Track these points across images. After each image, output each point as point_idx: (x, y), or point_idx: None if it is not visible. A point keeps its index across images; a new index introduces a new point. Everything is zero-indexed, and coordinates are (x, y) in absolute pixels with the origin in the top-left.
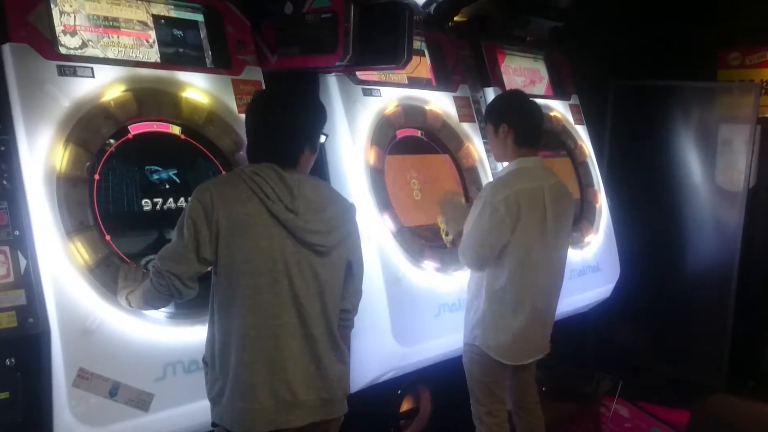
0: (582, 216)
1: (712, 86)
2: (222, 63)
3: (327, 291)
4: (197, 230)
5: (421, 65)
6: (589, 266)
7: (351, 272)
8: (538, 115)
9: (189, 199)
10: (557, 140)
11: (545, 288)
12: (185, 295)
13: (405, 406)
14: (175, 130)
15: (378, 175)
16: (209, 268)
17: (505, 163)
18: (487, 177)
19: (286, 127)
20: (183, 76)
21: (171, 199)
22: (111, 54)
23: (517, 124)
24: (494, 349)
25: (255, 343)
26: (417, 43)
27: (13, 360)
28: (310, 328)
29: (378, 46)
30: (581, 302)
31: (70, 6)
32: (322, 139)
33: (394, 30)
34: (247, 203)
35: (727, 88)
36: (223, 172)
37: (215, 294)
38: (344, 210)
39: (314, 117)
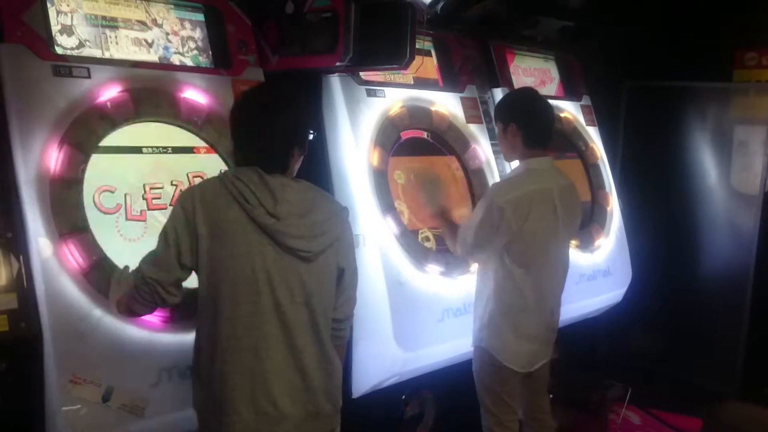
0: (593, 219)
1: (727, 87)
2: (222, 63)
3: (315, 299)
4: (178, 236)
5: (428, 65)
6: (600, 270)
7: (343, 279)
8: (548, 115)
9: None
10: (568, 141)
11: (552, 290)
12: (168, 301)
13: (409, 411)
14: None
15: (381, 177)
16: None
17: (514, 163)
18: (494, 179)
19: (269, 131)
20: (182, 76)
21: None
22: (108, 54)
23: (526, 125)
24: (502, 352)
25: (235, 354)
26: (422, 43)
27: (4, 364)
28: (295, 338)
29: (380, 46)
30: (592, 307)
31: (67, 5)
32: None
33: (396, 29)
34: (227, 209)
35: (743, 89)
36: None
37: (198, 302)
38: (333, 214)
39: (301, 118)
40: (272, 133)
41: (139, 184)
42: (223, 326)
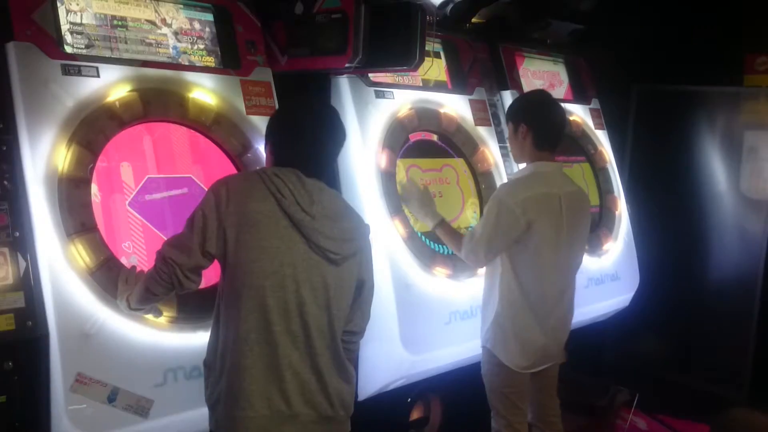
0: (601, 223)
1: (737, 92)
2: (231, 63)
3: (335, 304)
4: (206, 223)
5: (437, 67)
6: (608, 274)
7: (362, 292)
8: (559, 118)
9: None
10: (576, 145)
11: (558, 295)
12: (185, 286)
13: (415, 414)
14: None
15: (389, 179)
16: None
17: (522, 165)
18: (502, 181)
19: (318, 138)
20: (190, 76)
21: None
22: (117, 53)
23: (537, 126)
24: (505, 354)
25: (254, 347)
26: (431, 45)
27: (10, 363)
28: (314, 339)
29: (389, 48)
30: (599, 311)
31: (77, 4)
32: None
33: (406, 31)
34: (261, 201)
35: (753, 94)
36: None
37: (221, 293)
38: (358, 225)
39: (344, 134)
40: (320, 141)
41: None
42: (245, 318)
